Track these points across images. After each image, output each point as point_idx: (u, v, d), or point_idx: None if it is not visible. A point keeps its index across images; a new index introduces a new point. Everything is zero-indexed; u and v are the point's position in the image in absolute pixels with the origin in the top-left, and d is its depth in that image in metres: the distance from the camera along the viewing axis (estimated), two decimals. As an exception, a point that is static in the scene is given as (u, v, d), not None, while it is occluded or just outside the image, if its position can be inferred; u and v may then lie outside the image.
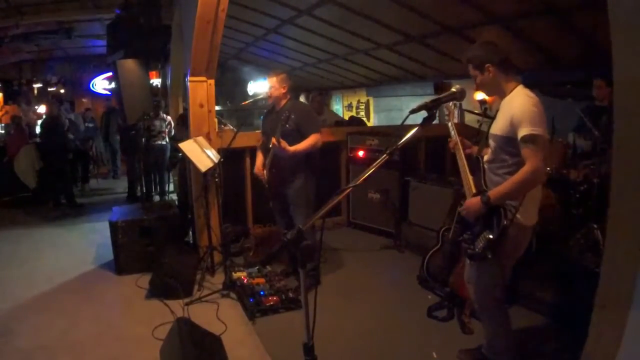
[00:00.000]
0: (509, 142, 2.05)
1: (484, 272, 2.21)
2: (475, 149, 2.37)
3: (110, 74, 9.46)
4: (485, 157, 2.23)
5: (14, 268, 4.21)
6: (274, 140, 3.15)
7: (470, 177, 2.23)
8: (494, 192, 2.04)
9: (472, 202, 2.12)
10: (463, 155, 2.30)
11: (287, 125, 3.31)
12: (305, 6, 5.55)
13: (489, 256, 2.06)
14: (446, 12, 4.78)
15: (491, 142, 2.18)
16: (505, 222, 2.00)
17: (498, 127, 2.12)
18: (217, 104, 4.26)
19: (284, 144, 3.14)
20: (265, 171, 3.52)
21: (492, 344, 2.36)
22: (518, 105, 2.02)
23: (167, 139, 6.48)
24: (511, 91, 2.10)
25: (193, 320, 2.63)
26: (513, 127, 2.01)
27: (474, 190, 2.18)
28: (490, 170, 2.19)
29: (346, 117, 9.27)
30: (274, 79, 3.42)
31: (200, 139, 3.75)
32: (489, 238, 2.04)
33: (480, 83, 2.18)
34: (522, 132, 1.95)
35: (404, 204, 4.53)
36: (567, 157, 3.83)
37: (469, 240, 2.18)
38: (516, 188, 2.00)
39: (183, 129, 4.66)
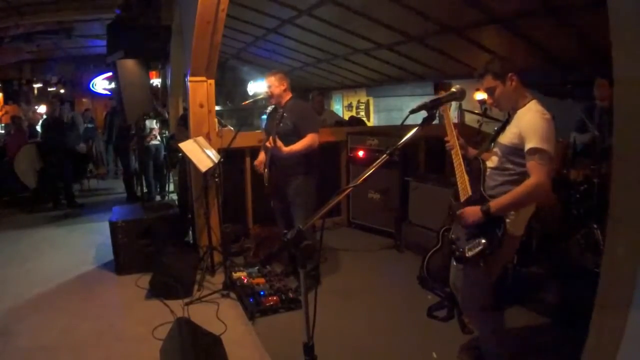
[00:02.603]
0: (515, 152, 2.04)
1: (469, 277, 2.20)
2: (472, 150, 2.36)
3: (110, 74, 9.45)
4: (490, 164, 2.21)
5: (14, 268, 4.21)
6: (270, 140, 3.16)
7: (467, 178, 2.20)
8: (495, 203, 2.00)
9: (472, 210, 2.06)
10: (460, 154, 2.27)
11: (281, 125, 3.31)
12: (305, 6, 5.55)
13: (481, 264, 2.04)
14: (446, 12, 4.78)
15: (497, 151, 2.16)
16: (503, 232, 1.98)
17: (506, 137, 2.11)
18: (217, 104, 4.26)
19: (279, 143, 3.15)
20: (265, 170, 3.52)
21: (483, 346, 2.36)
22: (530, 118, 2.00)
23: (159, 138, 6.50)
24: (525, 104, 2.07)
25: (193, 320, 2.64)
26: (521, 138, 1.99)
27: (469, 192, 2.15)
28: (490, 177, 2.17)
29: (346, 117, 9.27)
30: (272, 77, 3.43)
31: (200, 139, 3.75)
32: (484, 245, 2.01)
33: (501, 94, 2.11)
34: (530, 144, 1.94)
35: (404, 204, 4.53)
36: (567, 157, 3.83)
37: (459, 242, 2.16)
38: (518, 200, 1.98)
39: (183, 129, 4.67)
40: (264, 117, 4.19)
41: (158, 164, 6.67)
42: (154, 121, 6.52)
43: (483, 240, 2.01)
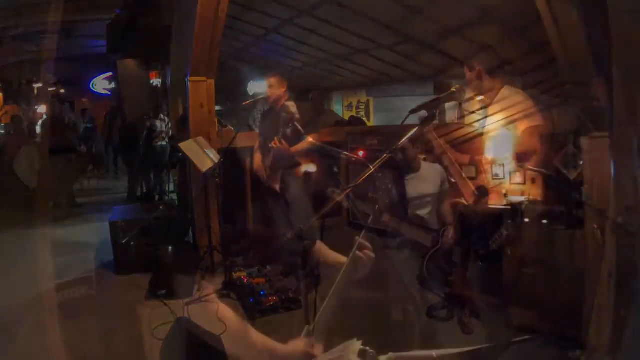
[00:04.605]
0: (507, 138, 2.13)
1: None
2: (466, 157, 2.40)
3: (110, 74, 9.46)
4: (485, 157, 2.24)
5: (14, 268, 4.21)
6: (276, 140, 3.15)
7: (466, 177, 2.23)
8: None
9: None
10: (452, 158, 2.32)
11: (292, 125, 3.28)
12: (305, 6, 5.55)
13: (508, 252, 2.06)
14: (446, 12, 4.78)
15: (489, 143, 2.21)
16: (521, 219, 2.02)
17: (494, 127, 2.20)
18: (217, 104, 4.26)
19: (284, 144, 3.15)
20: (265, 171, 3.52)
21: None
22: (510, 103, 2.15)
23: (167, 139, 6.49)
24: (497, 93, 2.24)
25: (193, 320, 2.63)
26: (510, 123, 2.10)
27: (472, 188, 2.17)
28: (492, 168, 2.21)
29: (346, 117, 9.26)
30: (273, 79, 3.43)
31: (200, 139, 3.75)
32: (505, 234, 2.04)
33: (468, 80, 2.36)
34: (522, 126, 2.03)
35: (404, 204, 4.52)
36: (567, 156, 3.82)
37: (479, 243, 2.17)
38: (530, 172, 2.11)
39: (183, 129, 4.67)
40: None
41: (162, 164, 6.66)
42: (164, 124, 6.52)
43: (505, 232, 2.04)
